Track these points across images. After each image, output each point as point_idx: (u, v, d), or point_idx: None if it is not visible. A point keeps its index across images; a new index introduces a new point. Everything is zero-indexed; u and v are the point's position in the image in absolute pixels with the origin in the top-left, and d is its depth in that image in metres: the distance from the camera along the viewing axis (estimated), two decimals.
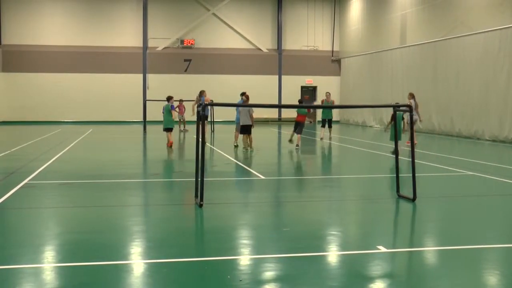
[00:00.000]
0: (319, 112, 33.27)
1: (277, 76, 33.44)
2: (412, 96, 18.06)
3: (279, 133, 23.91)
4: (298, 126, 16.19)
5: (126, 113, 30.81)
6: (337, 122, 32.14)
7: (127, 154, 15.19)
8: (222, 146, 17.32)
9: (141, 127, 25.13)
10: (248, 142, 15.52)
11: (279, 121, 32.77)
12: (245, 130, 15.36)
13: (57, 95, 30.99)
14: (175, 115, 16.98)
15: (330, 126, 19.73)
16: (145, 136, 21.60)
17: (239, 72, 32.78)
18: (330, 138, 19.71)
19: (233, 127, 24.86)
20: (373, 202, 8.13)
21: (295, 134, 16.32)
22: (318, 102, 33.37)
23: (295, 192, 9.07)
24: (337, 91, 33.18)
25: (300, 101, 20.45)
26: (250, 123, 15.31)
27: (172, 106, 16.21)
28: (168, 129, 16.24)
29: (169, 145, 16.17)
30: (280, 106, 12.00)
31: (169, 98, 16.51)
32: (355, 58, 31.59)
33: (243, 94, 18.14)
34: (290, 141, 16.64)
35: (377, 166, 12.86)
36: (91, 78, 31.41)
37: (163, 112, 16.42)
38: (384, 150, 15.38)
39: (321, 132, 19.64)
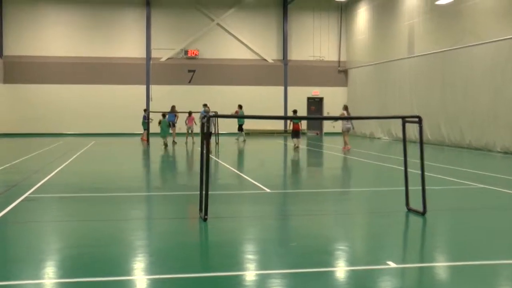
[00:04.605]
0: (326, 124, 33.27)
1: (282, 87, 33.50)
2: (345, 107, 20.64)
3: (285, 145, 23.88)
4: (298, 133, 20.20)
5: (129, 125, 30.88)
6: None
7: (129, 167, 15.22)
8: (227, 159, 17.32)
9: (142, 139, 25.16)
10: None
11: (285, 132, 32.76)
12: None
13: (59, 106, 31.14)
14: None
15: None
16: (148, 148, 21.64)
17: (244, 83, 32.87)
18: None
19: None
20: (381, 215, 8.08)
21: (296, 140, 20.17)
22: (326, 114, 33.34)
23: (302, 206, 9.03)
24: (344, 102, 33.10)
25: (294, 112, 22.69)
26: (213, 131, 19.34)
27: None
28: None
29: None
30: (277, 118, 11.81)
31: None
32: (362, 68, 31.62)
33: (206, 105, 22.85)
34: (297, 147, 20.08)
35: (386, 178, 12.80)
36: (94, 90, 31.57)
37: None
38: (393, 162, 15.32)
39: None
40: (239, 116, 7.11)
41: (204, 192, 7.31)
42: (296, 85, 33.37)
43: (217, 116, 8.77)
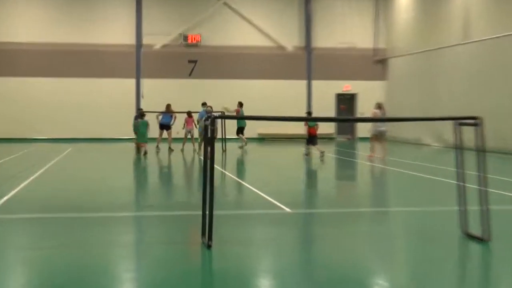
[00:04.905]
0: (360, 127, 33.17)
1: (305, 81, 33.48)
2: (379, 106, 20.67)
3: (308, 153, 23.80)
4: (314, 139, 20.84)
5: (115, 128, 31.03)
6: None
7: (115, 180, 15.25)
8: (237, 170, 17.29)
9: (133, 145, 25.22)
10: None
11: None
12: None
13: (28, 105, 31.34)
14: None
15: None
16: (138, 157, 21.70)
17: (257, 77, 32.90)
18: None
19: (252, 145, 24.99)
20: (430, 242, 7.98)
21: (314, 147, 20.82)
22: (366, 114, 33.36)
23: (331, 229, 8.97)
24: (381, 99, 32.89)
25: (308, 114, 23.35)
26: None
27: None
28: None
29: None
30: (288, 119, 11.88)
31: None
32: (404, 58, 31.49)
33: (205, 104, 23.39)
34: (322, 154, 20.33)
35: (436, 195, 12.70)
36: (71, 84, 31.75)
37: None
38: (445, 175, 15.19)
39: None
40: (250, 117, 7.08)
41: (208, 212, 7.28)
42: (322, 79, 33.33)
43: (223, 117, 8.74)
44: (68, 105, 31.61)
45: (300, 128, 32.54)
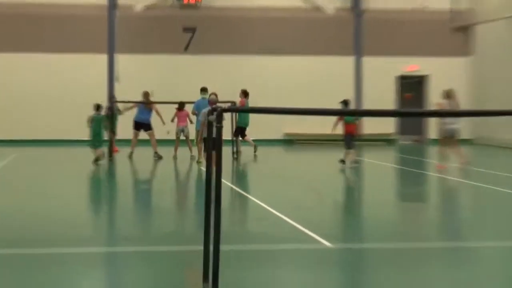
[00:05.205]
0: (434, 124, 33.02)
1: (352, 58, 33.38)
2: (448, 95, 20.59)
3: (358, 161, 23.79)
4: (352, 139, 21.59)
5: (78, 126, 31.05)
6: (469, 141, 31.53)
7: (77, 201, 15.29)
8: (253, 185, 17.26)
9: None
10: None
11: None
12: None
13: None
14: None
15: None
16: (111, 167, 21.77)
17: (281, 51, 32.81)
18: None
19: (270, 149, 25.10)
20: None
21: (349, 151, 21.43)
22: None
23: (389, 272, 8.94)
24: (464, 83, 32.74)
25: (345, 102, 22.50)
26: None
27: None
28: None
29: None
30: (321, 112, 11.50)
31: None
32: (498, 23, 31.30)
33: (205, 90, 23.25)
34: (343, 161, 21.25)
35: None
36: (18, 62, 31.87)
37: None
38: None
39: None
40: (268, 110, 7.02)
41: (212, 247, 7.22)
42: (377, 54, 33.18)
43: (234, 109, 8.69)
44: (10, 93, 31.73)
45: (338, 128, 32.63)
